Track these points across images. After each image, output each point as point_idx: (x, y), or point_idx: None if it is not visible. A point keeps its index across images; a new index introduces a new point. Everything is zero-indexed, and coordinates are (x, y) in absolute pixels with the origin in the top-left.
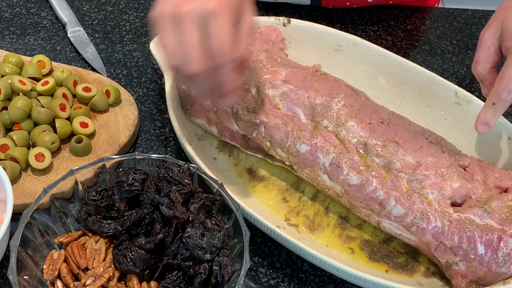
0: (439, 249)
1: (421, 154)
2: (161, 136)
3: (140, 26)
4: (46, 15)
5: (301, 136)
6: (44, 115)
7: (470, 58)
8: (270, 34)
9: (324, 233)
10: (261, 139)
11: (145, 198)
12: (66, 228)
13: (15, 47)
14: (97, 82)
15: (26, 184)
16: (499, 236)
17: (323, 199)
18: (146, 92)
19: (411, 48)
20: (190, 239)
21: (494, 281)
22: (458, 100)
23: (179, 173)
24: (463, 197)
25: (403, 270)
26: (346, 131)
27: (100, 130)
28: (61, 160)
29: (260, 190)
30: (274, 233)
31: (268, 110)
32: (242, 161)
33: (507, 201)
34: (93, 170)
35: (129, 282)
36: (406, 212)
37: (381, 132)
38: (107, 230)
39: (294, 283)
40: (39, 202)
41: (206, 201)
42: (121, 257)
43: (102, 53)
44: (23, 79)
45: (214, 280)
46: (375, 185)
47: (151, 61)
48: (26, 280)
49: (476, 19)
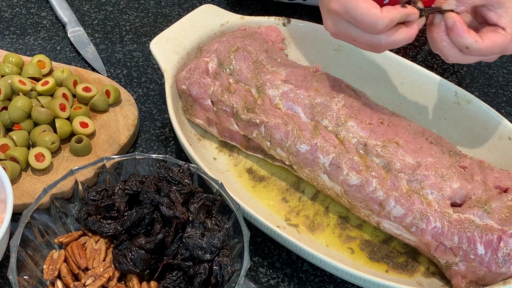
0: (439, 250)
1: (421, 155)
2: (161, 136)
3: (140, 26)
4: (46, 15)
5: (301, 136)
6: (44, 115)
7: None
8: (270, 34)
9: (324, 233)
10: (261, 139)
11: (145, 198)
12: (66, 228)
13: (15, 47)
14: (97, 82)
15: (26, 184)
16: (499, 236)
17: (323, 199)
18: (146, 92)
19: (411, 48)
20: (190, 239)
21: (494, 281)
22: (458, 100)
23: (179, 173)
24: (463, 198)
25: (403, 270)
26: (346, 131)
27: (100, 130)
28: (61, 160)
29: (260, 190)
30: (274, 233)
31: (268, 110)
32: (242, 161)
33: (507, 201)
34: (93, 170)
35: (129, 282)
36: (406, 213)
37: (381, 132)
38: (107, 230)
39: (294, 283)
40: (39, 202)
41: (206, 201)
42: (121, 257)
43: (102, 53)
44: (23, 79)
45: (214, 280)
46: (374, 185)
47: (151, 61)
48: (26, 280)
49: None
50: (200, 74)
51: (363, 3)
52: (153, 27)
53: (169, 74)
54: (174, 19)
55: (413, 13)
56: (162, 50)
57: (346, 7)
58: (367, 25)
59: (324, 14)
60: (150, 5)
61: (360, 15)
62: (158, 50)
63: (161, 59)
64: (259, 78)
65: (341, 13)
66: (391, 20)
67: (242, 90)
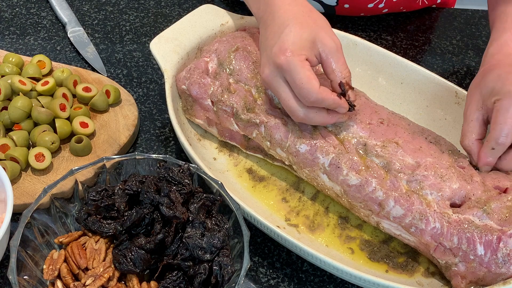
0: (438, 250)
1: (420, 155)
2: (161, 136)
3: (140, 26)
4: (46, 15)
5: (301, 136)
6: (44, 115)
7: (470, 58)
8: None
9: (324, 233)
10: (261, 139)
11: (145, 198)
12: (66, 228)
13: (15, 47)
14: (97, 82)
15: (26, 184)
16: (498, 237)
17: (323, 199)
18: (146, 92)
19: (411, 48)
20: (190, 239)
21: (494, 281)
22: (458, 100)
23: (179, 173)
24: (462, 198)
25: (403, 270)
26: (346, 131)
27: (100, 130)
28: (61, 160)
29: (260, 190)
30: (274, 233)
31: (268, 110)
32: (242, 161)
33: (506, 202)
34: (93, 170)
35: (129, 282)
36: (405, 213)
37: (380, 132)
38: (107, 230)
39: (294, 283)
40: (39, 202)
41: (206, 201)
42: (121, 257)
43: (102, 53)
44: (23, 79)
45: (214, 280)
46: (374, 185)
47: (151, 61)
48: (26, 280)
49: (476, 19)
50: (200, 74)
51: (308, 71)
52: (153, 27)
53: (169, 74)
54: (174, 19)
55: (344, 107)
56: (162, 50)
57: (290, 67)
58: (301, 91)
59: (265, 60)
60: (150, 5)
61: (300, 79)
62: (158, 50)
63: (161, 59)
64: (259, 78)
65: (283, 69)
66: (323, 100)
67: (242, 90)
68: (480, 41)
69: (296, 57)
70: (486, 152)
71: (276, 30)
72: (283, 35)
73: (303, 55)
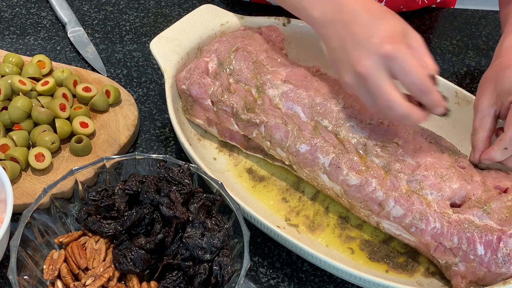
0: (439, 250)
1: (420, 155)
2: (161, 136)
3: (140, 26)
4: (46, 15)
5: (301, 136)
6: (44, 115)
7: (470, 58)
8: (270, 34)
9: (324, 233)
10: (261, 139)
11: (145, 198)
12: (66, 228)
13: (15, 47)
14: (97, 82)
15: (26, 184)
16: (498, 237)
17: (323, 199)
18: (146, 92)
19: None
20: (190, 239)
21: (494, 281)
22: (458, 100)
23: (179, 173)
24: (462, 198)
25: (403, 270)
26: (346, 131)
27: (100, 130)
28: (61, 160)
29: (260, 190)
30: (274, 233)
31: (268, 110)
32: (242, 161)
33: (506, 202)
34: (93, 170)
35: (129, 282)
36: (405, 213)
37: (381, 132)
38: (107, 230)
39: (294, 283)
40: (39, 202)
41: (206, 201)
42: (121, 257)
43: (102, 53)
44: (23, 79)
45: (214, 280)
46: (374, 185)
47: (151, 61)
48: (26, 280)
49: (476, 19)
50: (200, 74)
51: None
52: (153, 27)
53: (169, 74)
54: (174, 19)
55: (442, 106)
56: (162, 50)
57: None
58: (411, 76)
59: (364, 53)
60: (150, 5)
61: (410, 66)
62: (158, 50)
63: (161, 59)
64: (259, 78)
65: (390, 57)
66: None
67: (242, 90)
68: (480, 41)
69: (402, 44)
70: (497, 151)
71: (367, 23)
72: (380, 25)
73: (405, 43)
